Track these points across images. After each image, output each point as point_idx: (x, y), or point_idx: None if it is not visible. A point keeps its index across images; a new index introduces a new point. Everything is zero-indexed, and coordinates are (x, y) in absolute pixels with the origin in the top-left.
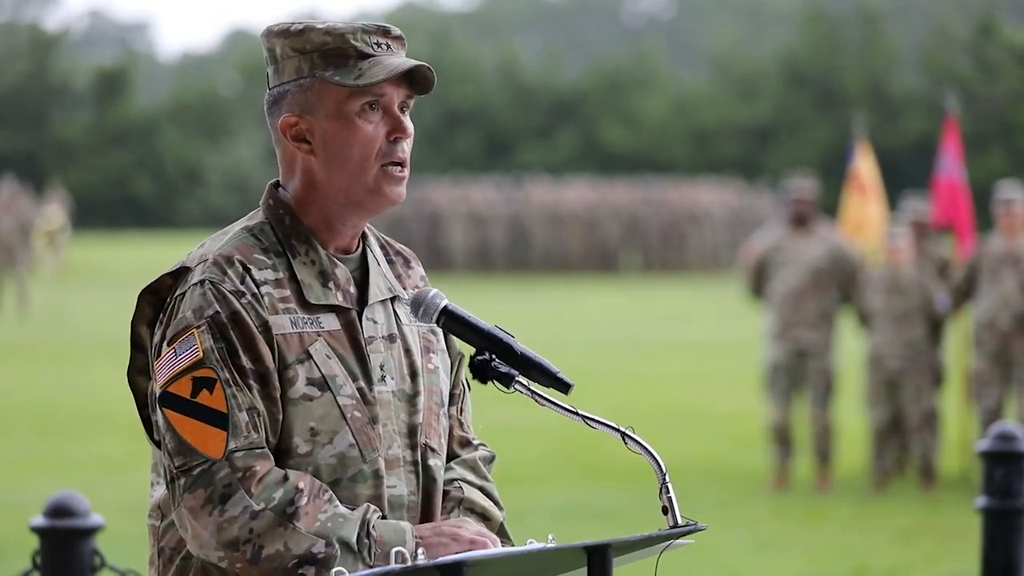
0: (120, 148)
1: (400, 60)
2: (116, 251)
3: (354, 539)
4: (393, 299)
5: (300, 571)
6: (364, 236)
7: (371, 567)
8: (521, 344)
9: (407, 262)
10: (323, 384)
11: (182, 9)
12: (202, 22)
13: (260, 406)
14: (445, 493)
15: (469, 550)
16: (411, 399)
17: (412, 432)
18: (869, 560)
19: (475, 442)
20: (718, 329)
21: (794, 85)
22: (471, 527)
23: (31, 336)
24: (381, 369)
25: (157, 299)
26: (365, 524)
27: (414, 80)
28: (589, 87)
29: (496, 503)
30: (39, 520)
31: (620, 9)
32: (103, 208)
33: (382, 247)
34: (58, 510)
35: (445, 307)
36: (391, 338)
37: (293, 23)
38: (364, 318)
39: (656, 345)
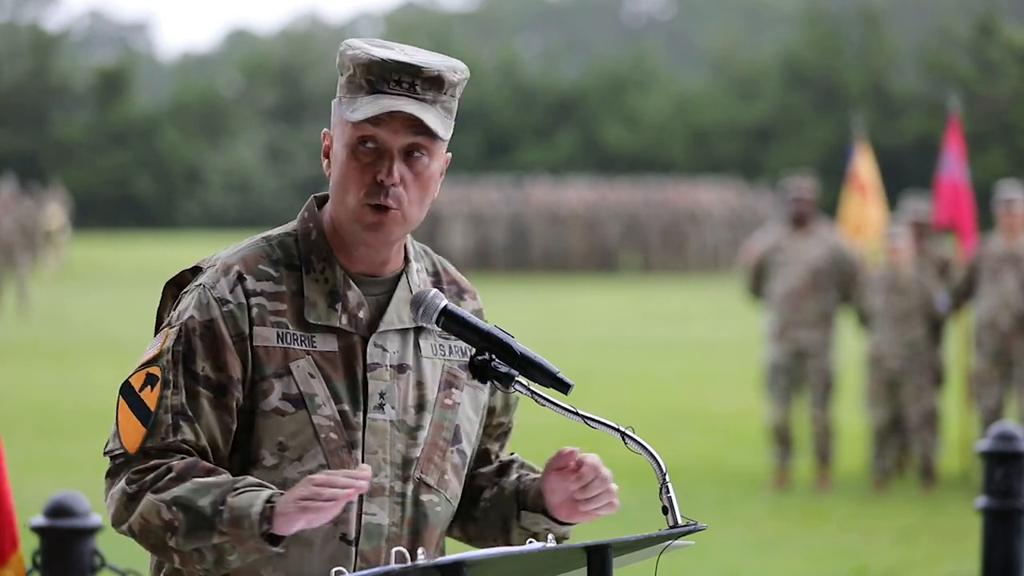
0: (120, 148)
1: (395, 104)
2: (116, 251)
3: (206, 504)
4: (418, 330)
5: (170, 544)
6: (407, 261)
7: (224, 533)
8: (520, 344)
9: (461, 293)
10: (299, 401)
11: (182, 9)
12: (202, 22)
13: (202, 413)
14: (503, 467)
15: (317, 499)
16: (412, 431)
17: (406, 464)
18: (869, 560)
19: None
20: (718, 329)
21: (794, 85)
22: (318, 477)
23: (31, 336)
24: (381, 397)
25: (178, 290)
26: (226, 492)
27: (419, 127)
28: (589, 87)
29: None
30: (39, 520)
31: (620, 9)
32: (103, 208)
33: (434, 274)
34: (58, 510)
35: (444, 307)
36: (400, 368)
37: (346, 43)
38: (372, 344)
39: (656, 345)
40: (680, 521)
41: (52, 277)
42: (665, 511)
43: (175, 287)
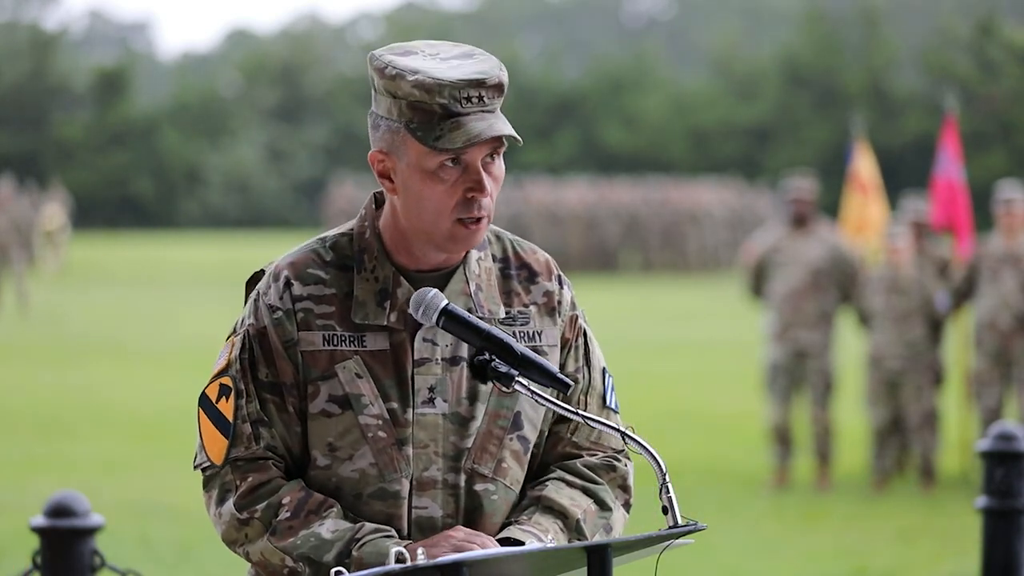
0: (120, 148)
1: (483, 126)
2: (116, 251)
3: (331, 559)
4: None
5: None
6: (466, 252)
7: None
8: (521, 344)
9: (532, 276)
10: (345, 402)
11: (182, 9)
12: (202, 22)
13: (272, 418)
14: (527, 495)
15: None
16: (464, 422)
17: (458, 455)
18: (869, 560)
19: (586, 454)
20: (718, 329)
21: (794, 85)
22: (460, 532)
23: (31, 336)
24: (431, 391)
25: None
26: (348, 544)
27: (498, 139)
28: (589, 87)
29: (600, 502)
30: (39, 520)
31: (620, 9)
32: (103, 208)
33: (503, 260)
34: (58, 510)
35: (445, 307)
36: (453, 360)
37: (389, 64)
38: (421, 339)
39: (656, 345)
40: (680, 521)
41: (52, 277)
42: (665, 511)
43: (251, 286)
